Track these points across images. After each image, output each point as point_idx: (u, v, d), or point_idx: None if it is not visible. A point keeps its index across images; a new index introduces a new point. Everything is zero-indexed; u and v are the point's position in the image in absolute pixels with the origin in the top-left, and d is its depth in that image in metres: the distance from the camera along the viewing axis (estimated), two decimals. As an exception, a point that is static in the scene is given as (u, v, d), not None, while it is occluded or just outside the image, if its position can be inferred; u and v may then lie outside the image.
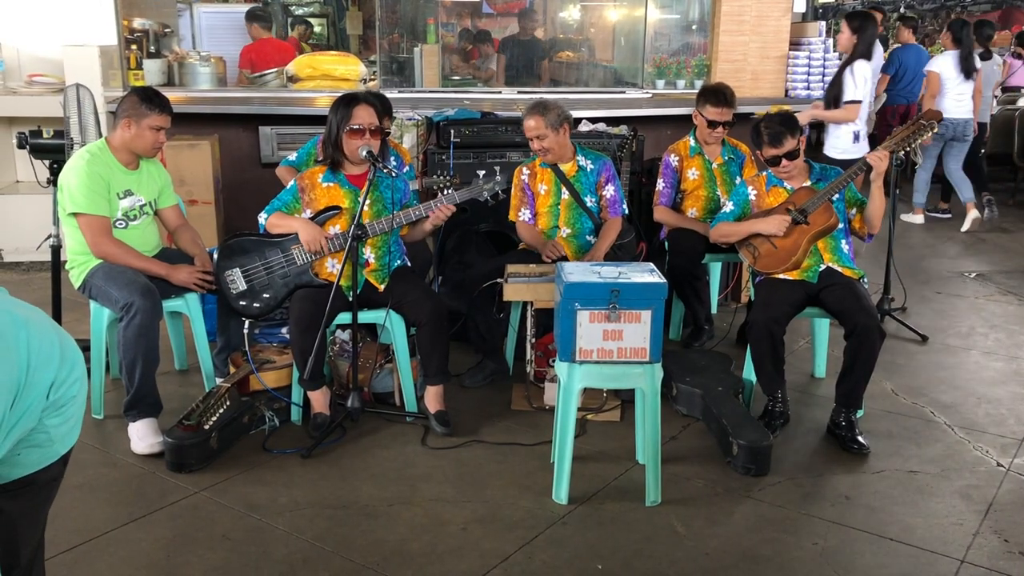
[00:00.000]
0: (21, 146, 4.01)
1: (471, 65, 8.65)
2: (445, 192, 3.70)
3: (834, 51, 7.36)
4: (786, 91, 7.10)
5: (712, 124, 4.53)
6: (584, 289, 2.99)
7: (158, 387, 3.55)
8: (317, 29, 10.45)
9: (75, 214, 3.56)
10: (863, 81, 5.53)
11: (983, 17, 18.42)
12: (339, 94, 3.86)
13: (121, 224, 3.66)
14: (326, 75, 7.10)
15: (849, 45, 5.58)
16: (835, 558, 2.83)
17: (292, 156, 4.52)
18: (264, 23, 8.01)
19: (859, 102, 5.55)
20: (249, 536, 2.90)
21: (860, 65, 5.51)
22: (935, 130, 3.84)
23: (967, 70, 7.25)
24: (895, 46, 8.87)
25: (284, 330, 4.09)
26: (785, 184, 3.89)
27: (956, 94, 7.27)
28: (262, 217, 3.71)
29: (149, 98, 3.64)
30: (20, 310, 1.64)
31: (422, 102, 6.08)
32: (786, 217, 3.75)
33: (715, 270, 5.01)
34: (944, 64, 7.30)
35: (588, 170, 4.20)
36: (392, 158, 4.20)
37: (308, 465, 3.38)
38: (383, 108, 4.08)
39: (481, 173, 3.73)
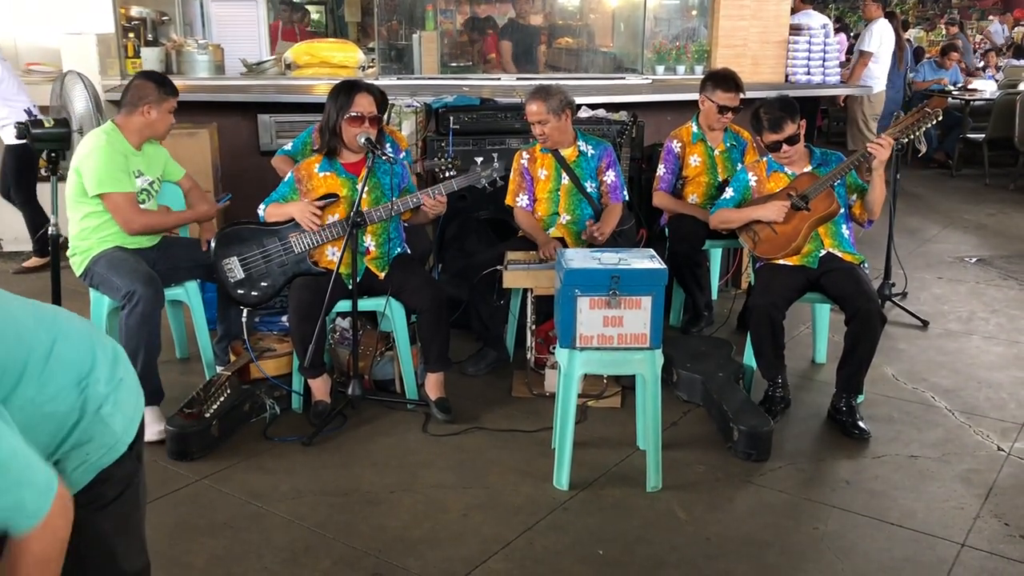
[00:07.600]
0: (21, 136, 3.99)
1: (480, 54, 8.59)
2: (445, 176, 3.70)
3: (833, 36, 7.34)
4: (786, 76, 7.08)
5: (722, 110, 4.51)
6: (584, 275, 2.98)
7: (159, 375, 3.56)
8: (315, 16, 10.40)
9: (101, 195, 3.55)
10: None
11: (985, 2, 18.21)
12: (337, 81, 3.84)
13: None
14: (324, 62, 7.05)
15: None
16: (836, 543, 2.84)
17: (288, 146, 4.50)
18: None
19: None
20: (251, 523, 2.91)
21: None
22: (939, 118, 3.83)
23: None
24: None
25: (284, 318, 4.09)
26: (786, 170, 3.87)
27: None
28: (261, 209, 3.71)
29: (164, 83, 3.75)
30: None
31: (421, 89, 6.05)
32: (785, 203, 3.74)
33: (715, 256, 5.00)
34: None
35: (589, 156, 4.18)
36: (387, 144, 4.18)
37: (309, 453, 3.39)
38: (383, 99, 4.05)
39: (479, 160, 3.72)
